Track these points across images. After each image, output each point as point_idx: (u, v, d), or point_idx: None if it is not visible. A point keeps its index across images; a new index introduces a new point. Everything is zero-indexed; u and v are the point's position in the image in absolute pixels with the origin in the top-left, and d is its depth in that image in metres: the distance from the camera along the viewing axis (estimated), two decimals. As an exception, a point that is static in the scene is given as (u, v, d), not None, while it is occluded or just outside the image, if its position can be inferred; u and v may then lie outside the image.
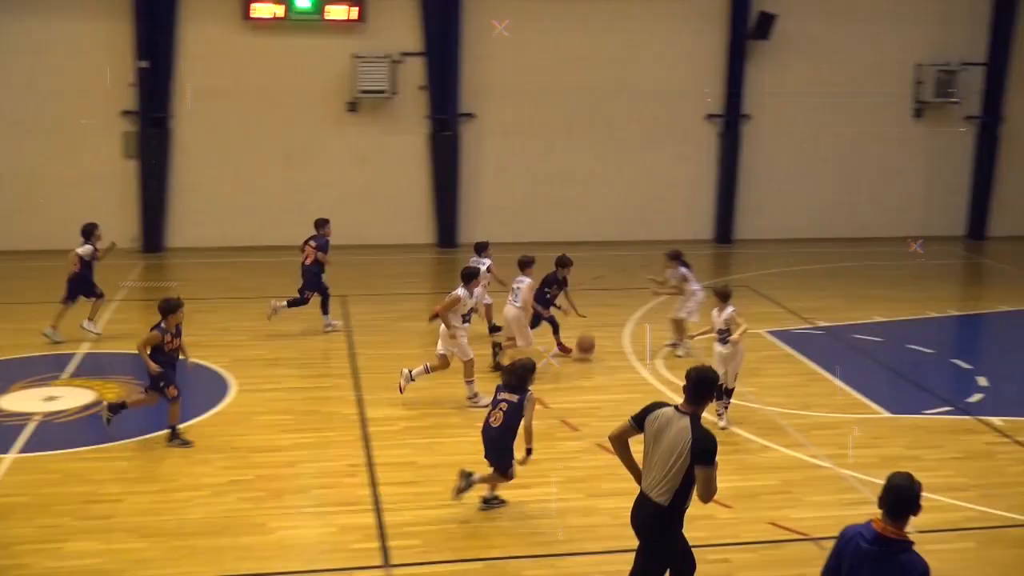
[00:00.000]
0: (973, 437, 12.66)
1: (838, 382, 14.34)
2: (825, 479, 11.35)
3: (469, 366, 13.46)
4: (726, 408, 12.73)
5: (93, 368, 14.56)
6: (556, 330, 15.37)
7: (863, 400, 13.81)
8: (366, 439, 12.24)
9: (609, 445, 8.05)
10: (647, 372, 14.80)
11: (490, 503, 10.60)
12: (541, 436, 12.34)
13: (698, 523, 10.17)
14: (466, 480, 10.36)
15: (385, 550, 9.67)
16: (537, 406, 13.07)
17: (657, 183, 23.87)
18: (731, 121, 23.83)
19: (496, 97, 22.98)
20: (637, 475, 7.82)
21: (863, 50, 24.11)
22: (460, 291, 13.35)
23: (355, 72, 21.96)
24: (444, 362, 13.54)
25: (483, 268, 15.36)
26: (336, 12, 21.90)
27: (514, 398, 10.27)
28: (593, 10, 23.02)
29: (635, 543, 8.81)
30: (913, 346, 16.04)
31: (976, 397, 14.05)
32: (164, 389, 11.87)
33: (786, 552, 9.74)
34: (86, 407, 12.99)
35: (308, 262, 16.36)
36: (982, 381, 14.65)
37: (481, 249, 16.32)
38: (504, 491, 10.80)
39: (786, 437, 12.48)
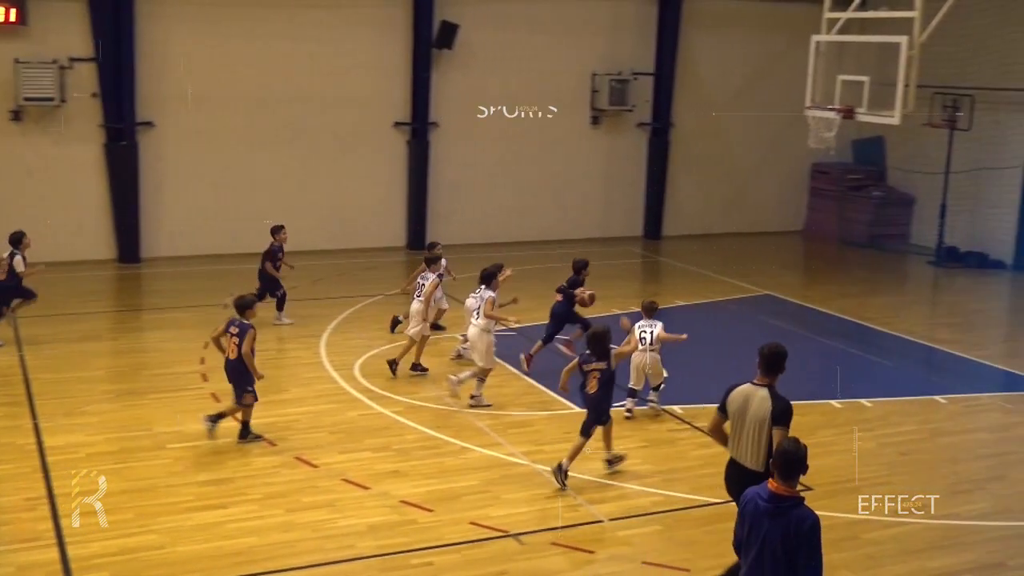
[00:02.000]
0: (656, 425, 13.34)
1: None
2: (522, 476, 11.61)
3: (485, 372, 13.79)
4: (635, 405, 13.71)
5: None
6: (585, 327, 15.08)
7: (556, 397, 14.21)
8: (45, 469, 11.42)
9: (308, 458, 7.87)
10: (344, 382, 14.64)
11: (613, 463, 11.63)
12: (238, 454, 12.00)
13: (400, 529, 10.20)
14: (612, 462, 11.62)
15: (70, 586, 9.05)
16: (233, 422, 12.79)
17: (348, 191, 23.75)
18: (418, 129, 24.06)
19: (177, 105, 22.07)
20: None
21: (543, 60, 24.96)
22: (488, 293, 13.84)
23: (18, 78, 20.50)
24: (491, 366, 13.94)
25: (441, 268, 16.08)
26: (-7, 14, 20.35)
27: (603, 365, 11.24)
28: (277, 17, 22.60)
29: (343, 553, 8.70)
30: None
31: (660, 387, 14.78)
32: (248, 392, 12.17)
33: (488, 550, 9.88)
34: None
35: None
36: (663, 372, 15.40)
37: (432, 247, 16.61)
38: (199, 514, 10.39)
39: (484, 437, 12.69)
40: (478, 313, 13.89)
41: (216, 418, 12.30)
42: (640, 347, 13.44)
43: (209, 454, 11.94)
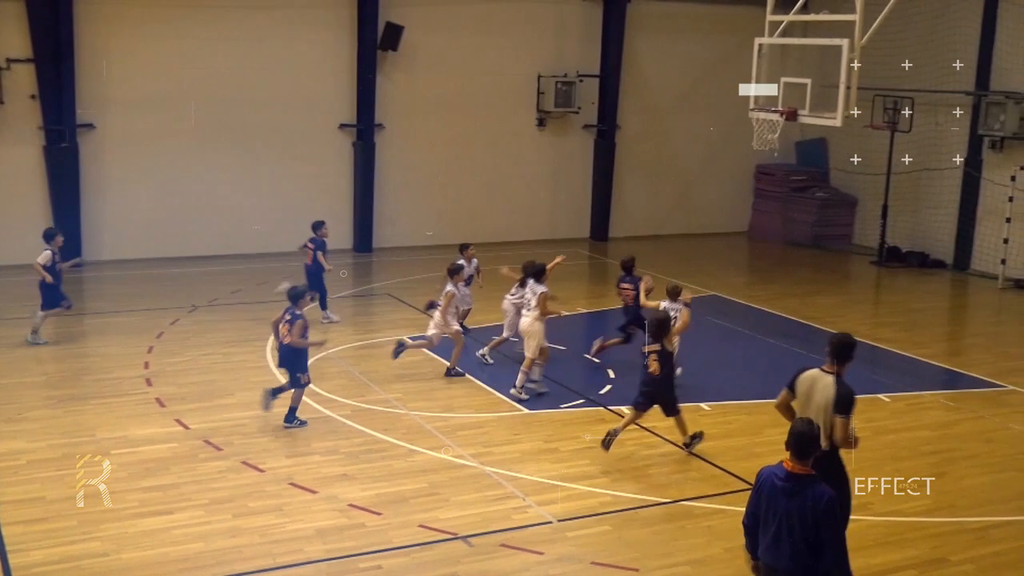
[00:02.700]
0: (605, 426, 13.29)
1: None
2: (470, 478, 11.59)
3: (544, 359, 14.48)
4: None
5: None
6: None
7: (504, 399, 14.24)
8: (-15, 477, 11.23)
9: (254, 462, 7.80)
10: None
11: (692, 443, 12.40)
12: (183, 459, 11.87)
13: (348, 532, 10.15)
14: (691, 440, 12.42)
15: (11, 596, 8.90)
16: (178, 427, 12.67)
17: (294, 193, 23.56)
18: (364, 131, 23.96)
19: (118, 107, 21.82)
20: None
21: (489, 61, 24.98)
22: (539, 287, 14.24)
23: (-44, 80, 20.20)
24: (546, 353, 14.45)
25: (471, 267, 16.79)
26: (-71, 15, 19.98)
27: (657, 346, 12.06)
28: (219, 18, 22.40)
29: (291, 557, 8.60)
30: (548, 344, 16.72)
31: (606, 388, 14.86)
32: (300, 375, 12.91)
33: (436, 552, 9.85)
34: None
35: (308, 262, 17.64)
36: (611, 373, 15.52)
37: (464, 248, 17.08)
38: (143, 520, 10.26)
39: (432, 440, 12.66)
40: (528, 306, 14.38)
41: (277, 391, 12.98)
42: None
43: (153, 460, 11.79)
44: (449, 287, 15.17)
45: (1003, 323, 20.57)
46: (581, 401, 14.27)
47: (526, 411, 13.84)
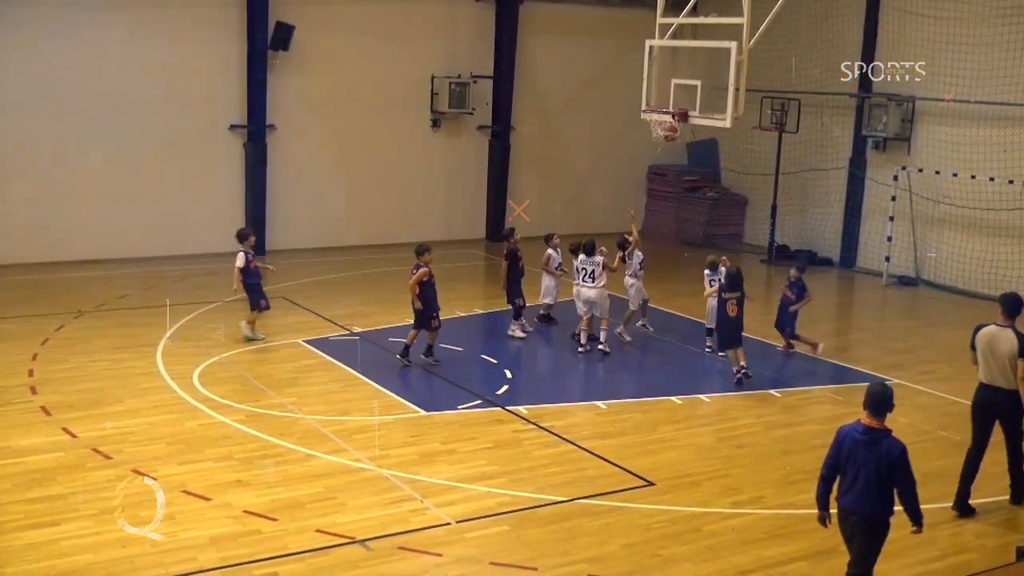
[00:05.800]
0: (502, 426, 13.39)
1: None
2: (367, 481, 11.50)
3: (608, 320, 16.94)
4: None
5: None
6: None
7: (401, 401, 14.16)
8: None
9: (145, 470, 7.60)
10: (183, 391, 14.24)
11: (740, 373, 15.10)
12: (70, 469, 11.55)
13: (243, 539, 9.99)
14: (740, 370, 15.10)
15: None
16: (65, 436, 12.32)
17: (184, 195, 23.10)
18: (255, 131, 23.61)
19: (-1, 107, 21.21)
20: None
21: (381, 62, 24.85)
22: (598, 258, 16.79)
23: None
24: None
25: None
26: None
27: (737, 294, 15.28)
28: (106, 18, 21.83)
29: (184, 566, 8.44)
30: (445, 345, 16.68)
31: (503, 389, 14.88)
32: (432, 319, 15.22)
33: (334, 557, 9.75)
34: None
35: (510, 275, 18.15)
36: (508, 373, 15.56)
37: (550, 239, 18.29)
38: (29, 532, 9.95)
39: (328, 443, 12.53)
40: (592, 278, 16.58)
41: (404, 352, 15.45)
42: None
43: (39, 470, 11.44)
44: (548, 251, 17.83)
45: (887, 319, 21.16)
46: (478, 402, 14.26)
47: (424, 413, 13.78)
